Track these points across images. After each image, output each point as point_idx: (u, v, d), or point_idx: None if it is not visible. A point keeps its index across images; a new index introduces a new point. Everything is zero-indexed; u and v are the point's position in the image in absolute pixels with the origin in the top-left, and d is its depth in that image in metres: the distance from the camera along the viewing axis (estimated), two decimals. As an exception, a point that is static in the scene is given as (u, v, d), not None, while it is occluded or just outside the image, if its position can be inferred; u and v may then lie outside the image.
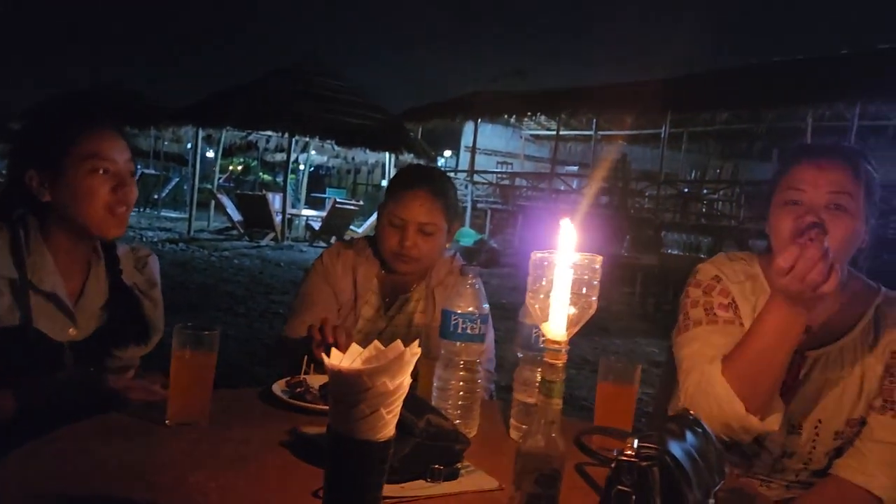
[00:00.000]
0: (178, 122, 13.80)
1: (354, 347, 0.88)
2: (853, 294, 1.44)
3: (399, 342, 0.86)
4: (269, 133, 13.96)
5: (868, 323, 1.42)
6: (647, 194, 14.54)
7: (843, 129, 11.52)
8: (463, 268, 1.31)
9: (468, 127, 18.63)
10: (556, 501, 0.92)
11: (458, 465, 1.11)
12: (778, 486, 1.47)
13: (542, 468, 0.92)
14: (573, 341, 0.94)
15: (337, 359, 0.85)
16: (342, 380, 0.82)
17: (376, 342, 0.88)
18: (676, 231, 12.78)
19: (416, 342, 0.85)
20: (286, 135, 13.05)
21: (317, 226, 13.27)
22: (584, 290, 0.94)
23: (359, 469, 0.84)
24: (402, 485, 1.04)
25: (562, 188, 16.35)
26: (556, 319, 0.92)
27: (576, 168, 19.02)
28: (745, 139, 15.78)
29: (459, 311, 1.27)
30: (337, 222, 12.92)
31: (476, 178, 17.39)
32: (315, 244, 12.83)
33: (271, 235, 12.84)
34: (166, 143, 20.61)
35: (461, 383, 1.29)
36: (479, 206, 15.97)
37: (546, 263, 0.94)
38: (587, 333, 7.25)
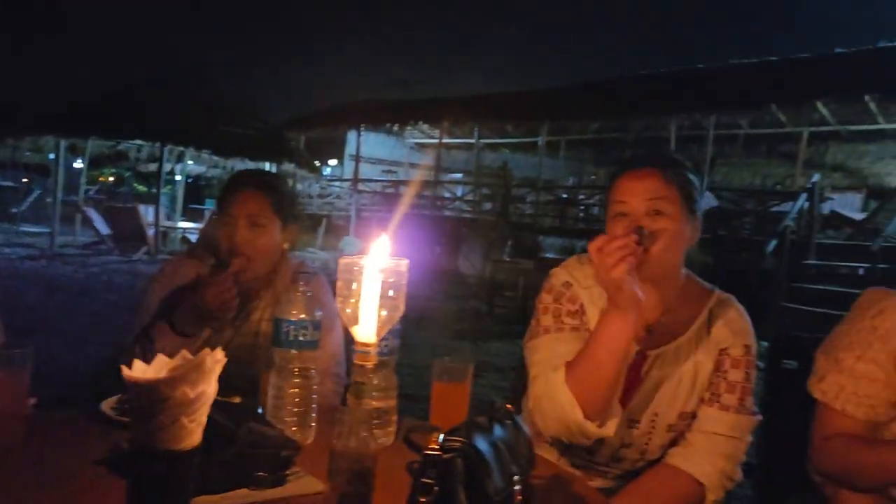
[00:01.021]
0: (37, 132, 12.97)
1: (161, 358, 0.87)
2: (689, 296, 1.53)
3: (207, 350, 0.86)
4: (141, 142, 13.36)
5: (702, 323, 1.51)
6: (527, 200, 14.97)
7: (702, 137, 12.33)
8: (294, 275, 1.32)
9: (352, 136, 18.58)
10: (368, 499, 0.94)
11: (287, 472, 1.13)
12: (614, 475, 1.56)
13: (354, 467, 0.94)
14: (457, 345, 0.97)
15: (140, 370, 0.85)
16: (139, 390, 0.81)
17: (184, 352, 0.88)
18: (555, 235, 13.25)
19: (220, 349, 0.86)
20: (159, 144, 12.54)
21: (194, 238, 12.82)
22: (391, 294, 0.97)
23: (162, 480, 0.83)
24: (223, 494, 1.04)
25: (446, 195, 16.58)
26: (366, 323, 0.95)
27: (459, 175, 19.33)
28: (616, 147, 16.59)
29: (290, 319, 1.28)
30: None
31: (361, 186, 17.36)
32: (193, 257, 12.36)
33: (144, 249, 12.30)
34: (27, 153, 19.30)
35: (296, 390, 1.30)
36: (364, 214, 15.94)
37: (356, 269, 0.97)
38: (470, 338, 7.42)
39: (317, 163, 19.86)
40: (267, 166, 14.21)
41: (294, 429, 1.28)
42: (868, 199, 13.62)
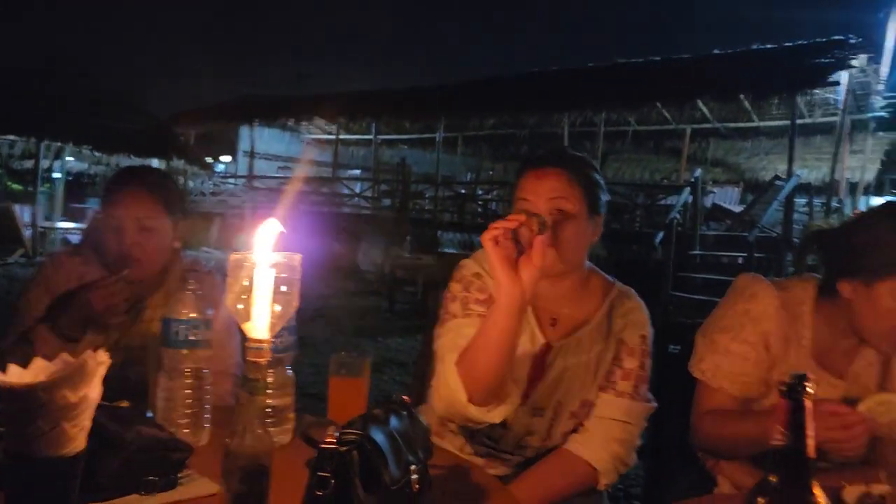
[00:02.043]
0: None
1: (39, 361, 0.83)
2: (592, 289, 1.58)
3: (89, 352, 0.83)
4: (13, 137, 12.51)
5: (603, 315, 1.57)
6: (426, 196, 15.05)
7: (593, 133, 12.78)
8: (184, 273, 1.28)
9: (245, 131, 18.10)
10: (264, 498, 0.93)
11: (179, 475, 1.10)
12: (517, 462, 1.61)
13: (248, 466, 0.93)
14: (358, 342, 0.96)
15: (15, 374, 0.80)
16: (13, 395, 0.77)
17: (64, 354, 0.84)
18: (454, 230, 13.39)
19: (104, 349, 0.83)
20: (34, 139, 11.78)
21: (75, 239, 12.13)
22: (284, 289, 0.96)
23: (43, 489, 0.80)
24: (111, 501, 1.00)
25: (345, 192, 16.43)
26: (259, 319, 0.94)
27: (358, 172, 19.21)
28: (512, 143, 16.95)
29: (180, 318, 1.24)
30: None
31: (256, 183, 16.94)
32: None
33: (20, 251, 11.54)
34: None
35: (188, 391, 1.26)
36: (261, 212, 15.56)
37: (247, 264, 0.95)
38: (371, 335, 7.40)
39: (208, 159, 19.23)
40: (155, 163, 13.63)
41: (186, 431, 1.25)
42: (745, 192, 14.49)
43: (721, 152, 16.28)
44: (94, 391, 0.81)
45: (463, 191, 15.40)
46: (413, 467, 1.01)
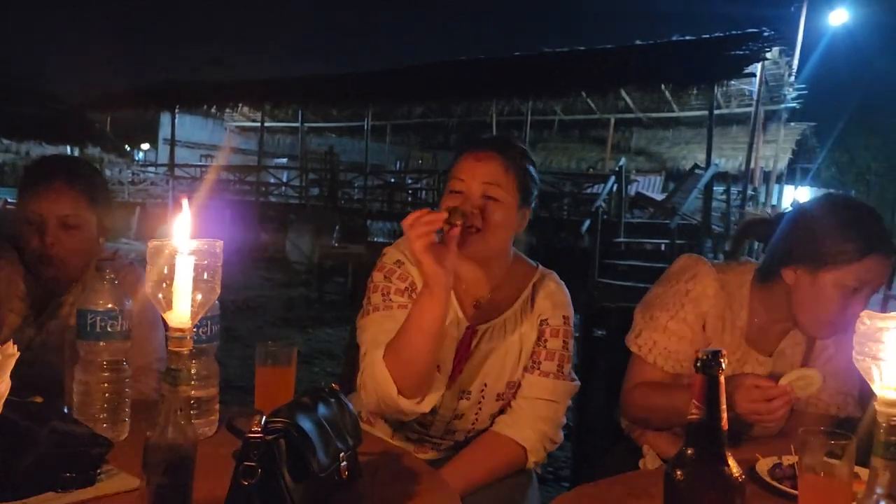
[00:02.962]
0: None
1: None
2: (516, 273, 1.61)
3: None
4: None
5: (526, 297, 1.60)
6: (355, 185, 14.93)
7: (520, 122, 12.91)
8: (99, 263, 1.24)
9: (166, 118, 17.51)
10: (187, 490, 0.91)
11: (98, 471, 1.06)
12: (447, 446, 1.62)
13: (170, 459, 0.90)
14: (287, 334, 0.94)
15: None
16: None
17: (-31, 349, 0.80)
18: (384, 220, 13.34)
19: (10, 342, 0.79)
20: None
21: (-15, 231, 11.50)
22: (206, 276, 0.94)
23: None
24: (26, 500, 0.96)
25: (271, 181, 16.12)
26: (180, 307, 0.91)
27: (285, 160, 18.86)
28: (440, 131, 16.97)
29: (97, 309, 1.20)
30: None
31: (178, 172, 16.43)
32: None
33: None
34: None
35: (105, 385, 1.22)
36: (183, 201, 15.10)
37: (166, 252, 0.92)
38: (300, 326, 7.31)
39: (127, 147, 18.53)
40: (68, 150, 13.05)
41: (105, 425, 1.21)
42: (667, 180, 14.93)
43: (644, 141, 16.73)
44: (2, 385, 0.78)
45: (392, 179, 15.35)
46: (342, 454, 1.01)
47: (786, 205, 17.22)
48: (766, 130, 13.90)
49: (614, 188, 10.88)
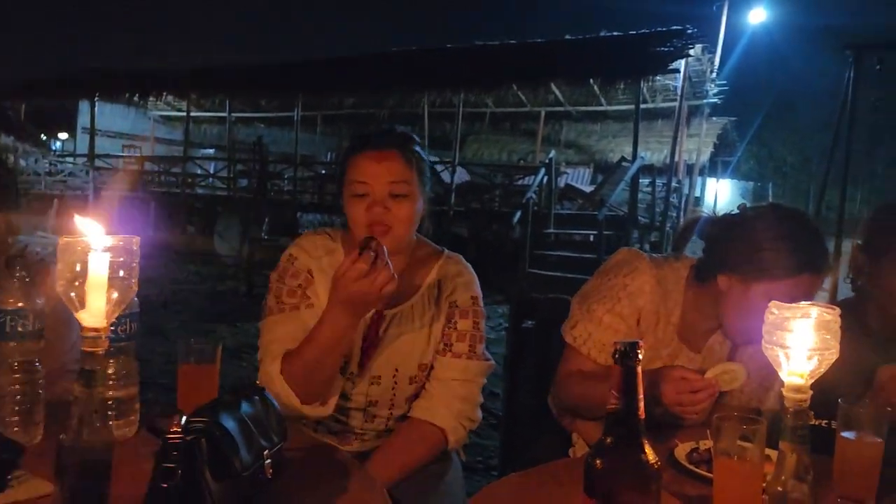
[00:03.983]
0: None
1: None
2: (420, 258, 1.64)
3: None
4: None
5: (433, 281, 1.63)
6: (285, 176, 14.68)
7: (452, 114, 12.94)
8: (9, 260, 1.18)
9: (85, 107, 16.80)
10: (104, 494, 0.88)
11: (8, 476, 1.02)
12: (371, 436, 1.62)
13: (85, 461, 0.88)
14: (215, 329, 0.91)
15: None
16: None
17: None
18: (314, 211, 13.16)
19: None
20: None
21: None
22: (122, 274, 0.91)
23: None
24: (-73, 511, 0.91)
25: (198, 172, 15.68)
26: (94, 306, 0.88)
27: (212, 151, 18.36)
28: (372, 123, 16.82)
29: (6, 308, 1.15)
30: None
31: (99, 163, 15.81)
32: None
33: None
34: None
35: (17, 387, 1.17)
36: (105, 193, 14.56)
37: (79, 249, 0.89)
38: (229, 321, 7.15)
39: (43, 136, 17.72)
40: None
41: (17, 429, 1.16)
42: (596, 173, 15.23)
43: (573, 134, 17.00)
44: None
45: (323, 171, 15.14)
46: (266, 452, 1.00)
47: (708, 196, 17.88)
48: (689, 125, 14.32)
49: (544, 180, 11.02)
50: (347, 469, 1.17)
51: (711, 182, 19.50)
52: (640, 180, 11.81)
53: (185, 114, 16.18)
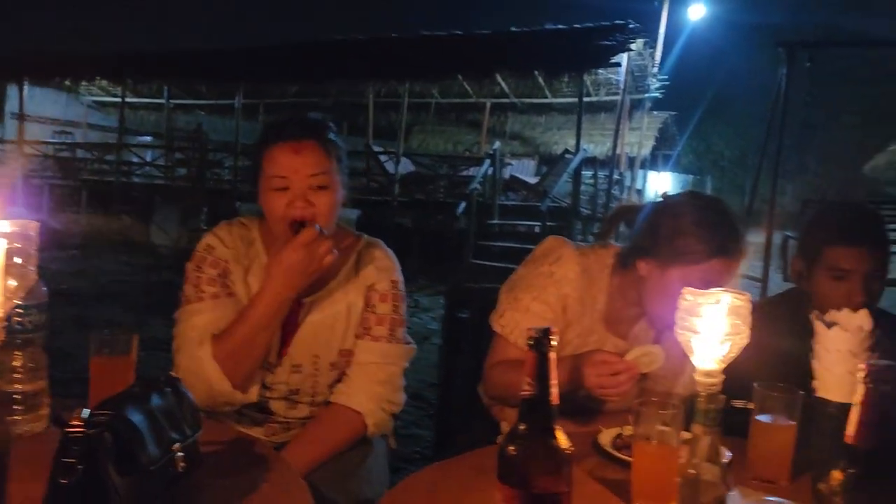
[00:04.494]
0: None
1: None
2: (339, 244, 1.58)
3: None
4: None
5: (351, 266, 1.62)
6: (226, 165, 14.37)
7: (397, 104, 12.87)
8: None
9: (13, 91, 16.11)
10: (1, 492, 0.84)
11: None
12: (296, 424, 1.61)
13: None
14: (148, 321, 0.87)
15: None
16: None
17: None
18: (254, 201, 12.89)
19: None
20: None
21: None
22: (18, 260, 0.87)
23: None
24: None
25: (134, 160, 15.22)
26: (-12, 295, 0.84)
27: (149, 138, 17.83)
28: (316, 112, 16.62)
29: None
30: None
31: (28, 149, 15.19)
32: None
33: None
34: None
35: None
36: (34, 181, 14.02)
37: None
38: (164, 312, 6.95)
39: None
40: None
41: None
42: (540, 164, 15.39)
43: (518, 126, 17.12)
44: None
45: (265, 160, 14.85)
46: (177, 445, 0.97)
47: (650, 189, 18.26)
48: (631, 118, 14.57)
49: (489, 171, 11.07)
50: (266, 459, 1.15)
51: (653, 175, 19.90)
52: (584, 172, 11.97)
53: (119, 100, 15.65)
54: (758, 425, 1.25)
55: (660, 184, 20.55)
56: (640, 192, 16.45)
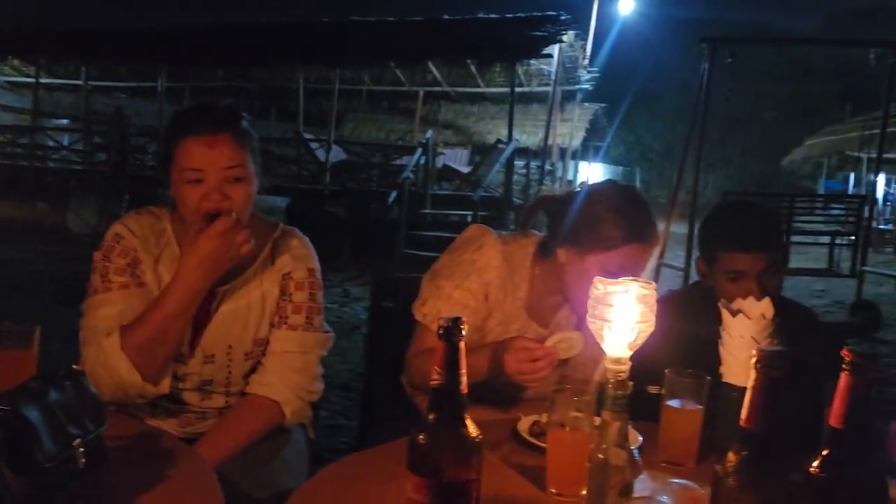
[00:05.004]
0: None
1: None
2: (254, 232, 1.54)
3: None
4: None
5: (266, 254, 1.59)
6: (148, 150, 13.89)
7: (328, 91, 12.68)
8: None
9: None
10: None
11: None
12: (212, 415, 1.58)
13: None
14: (65, 312, 0.83)
15: None
16: None
17: None
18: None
19: None
20: None
21: None
22: None
23: None
24: None
25: (50, 144, 14.53)
26: None
27: (66, 121, 17.04)
28: (244, 96, 16.21)
29: None
30: None
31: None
32: None
33: None
34: None
35: None
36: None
37: None
38: (76, 304, 6.69)
39: None
40: None
41: None
42: (473, 154, 15.44)
43: (451, 115, 17.12)
44: None
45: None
46: (78, 441, 0.93)
47: (581, 179, 18.60)
48: (563, 109, 14.78)
49: (422, 160, 11.06)
50: (173, 453, 1.12)
51: (584, 166, 20.28)
52: (516, 162, 12.09)
53: (33, 80, 14.90)
54: (667, 410, 1.30)
55: (590, 174, 20.98)
56: (571, 183, 16.73)
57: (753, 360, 0.78)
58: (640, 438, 1.33)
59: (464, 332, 0.83)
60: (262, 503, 1.43)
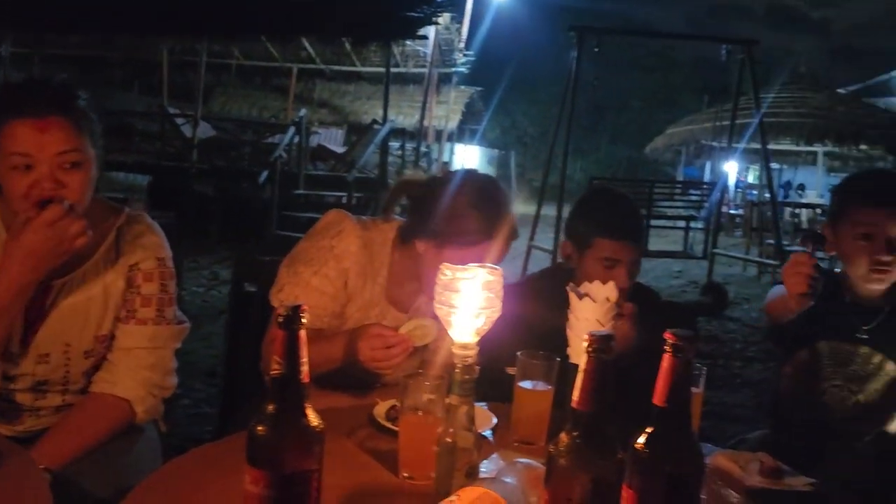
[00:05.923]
0: None
1: None
2: (95, 219, 1.44)
3: None
4: None
5: (110, 243, 1.49)
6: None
7: (195, 63, 12.09)
8: None
9: None
10: None
11: None
12: (48, 412, 1.48)
13: None
14: None
15: None
16: None
17: None
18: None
19: None
20: None
21: None
22: None
23: None
24: None
25: None
26: None
27: None
28: (103, 67, 15.16)
29: None
30: None
31: None
32: None
33: None
34: None
35: None
36: None
37: None
38: None
39: None
40: None
41: None
42: (349, 134, 15.24)
43: (327, 94, 16.80)
44: None
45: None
46: None
47: (456, 161, 18.82)
48: (439, 91, 14.88)
49: (295, 139, 10.80)
50: (5, 456, 1.03)
51: (460, 148, 20.51)
52: (392, 144, 12.05)
53: None
54: (519, 391, 1.34)
55: (467, 157, 21.28)
56: (447, 165, 16.90)
57: (584, 344, 0.81)
58: (495, 420, 1.36)
59: (304, 321, 0.81)
60: (106, 502, 1.35)
